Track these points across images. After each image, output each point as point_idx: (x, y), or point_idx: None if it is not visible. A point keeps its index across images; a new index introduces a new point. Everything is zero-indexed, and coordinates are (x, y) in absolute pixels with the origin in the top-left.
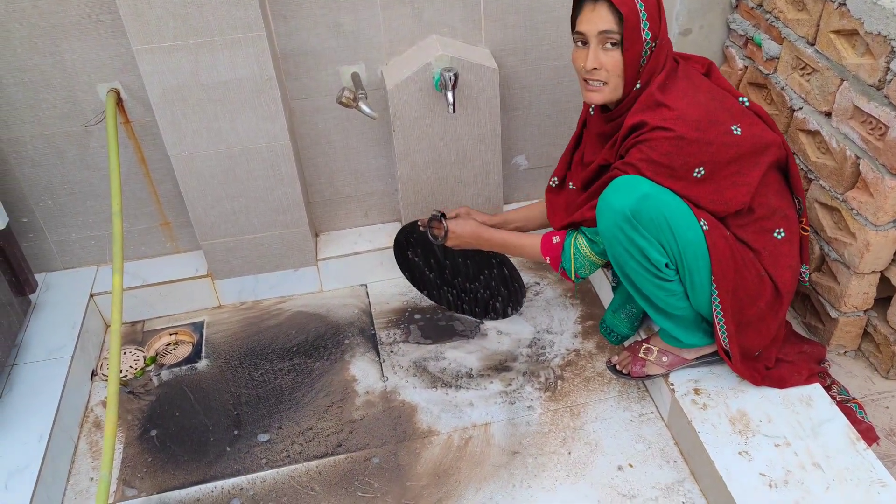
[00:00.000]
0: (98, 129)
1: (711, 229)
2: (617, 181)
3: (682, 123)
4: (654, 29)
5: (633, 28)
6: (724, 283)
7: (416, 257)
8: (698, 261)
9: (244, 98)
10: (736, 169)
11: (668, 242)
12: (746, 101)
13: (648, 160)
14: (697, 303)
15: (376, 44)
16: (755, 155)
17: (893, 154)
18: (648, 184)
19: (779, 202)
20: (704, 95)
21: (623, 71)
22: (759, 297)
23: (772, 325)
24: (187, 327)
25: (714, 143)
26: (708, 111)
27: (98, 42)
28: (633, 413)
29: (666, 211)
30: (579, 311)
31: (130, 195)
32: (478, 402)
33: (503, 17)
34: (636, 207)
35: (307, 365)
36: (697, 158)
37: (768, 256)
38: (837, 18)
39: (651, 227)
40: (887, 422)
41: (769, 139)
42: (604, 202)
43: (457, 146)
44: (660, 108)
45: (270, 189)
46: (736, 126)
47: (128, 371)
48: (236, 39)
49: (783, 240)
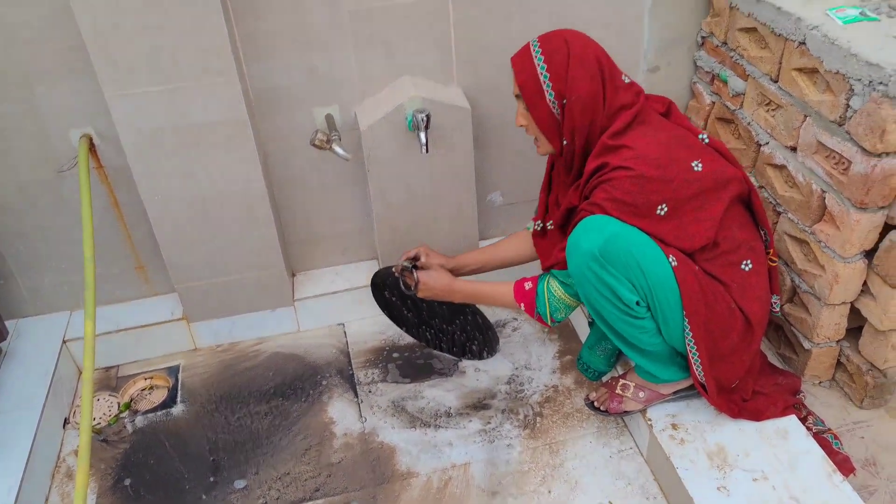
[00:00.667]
0: (71, 175)
1: (680, 265)
2: (584, 222)
3: (643, 162)
4: (559, 89)
5: (529, 92)
6: (696, 318)
7: (393, 297)
8: (669, 297)
9: (218, 141)
10: (698, 204)
11: (638, 280)
12: (706, 138)
13: (612, 199)
14: (671, 338)
15: (349, 85)
16: (717, 190)
17: (857, 188)
18: (615, 223)
19: (744, 235)
20: (664, 134)
21: (540, 130)
22: (731, 329)
23: (745, 357)
24: (162, 371)
25: (675, 180)
26: (668, 149)
27: (70, 88)
28: (612, 449)
29: (634, 249)
30: (557, 346)
31: (104, 239)
32: (457, 441)
33: (475, 58)
34: (604, 247)
35: (285, 407)
36: (659, 196)
37: (737, 289)
38: (798, 56)
39: (620, 266)
40: (863, 452)
41: (730, 174)
42: (572, 243)
43: (431, 185)
44: (620, 149)
45: (246, 231)
46: (697, 162)
47: (101, 418)
48: (209, 84)
49: (751, 272)
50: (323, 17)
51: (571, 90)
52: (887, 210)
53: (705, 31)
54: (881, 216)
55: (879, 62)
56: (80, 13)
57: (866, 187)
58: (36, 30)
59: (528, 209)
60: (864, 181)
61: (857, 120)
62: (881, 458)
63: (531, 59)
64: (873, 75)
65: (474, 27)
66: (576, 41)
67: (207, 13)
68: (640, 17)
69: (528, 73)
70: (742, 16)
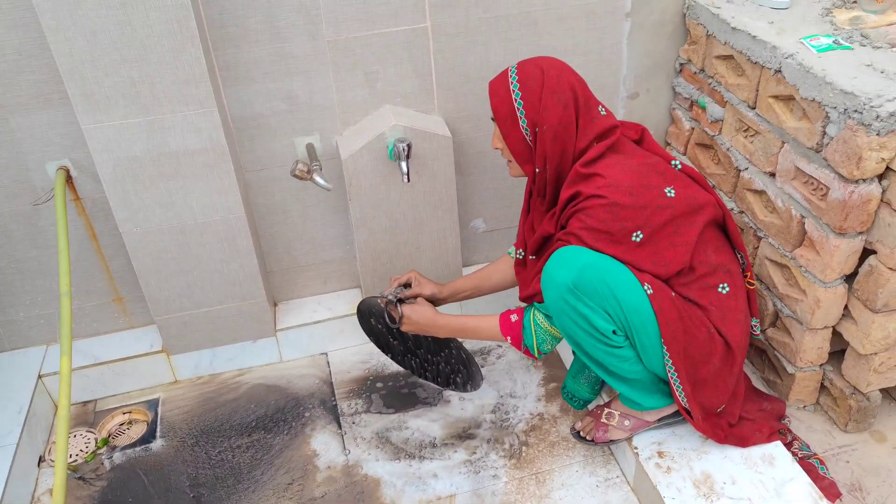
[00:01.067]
0: (47, 207)
1: (656, 292)
2: (557, 253)
3: (615, 190)
4: (531, 117)
5: (503, 118)
6: (675, 345)
7: (378, 325)
8: (646, 325)
9: (197, 172)
10: (672, 230)
11: (614, 310)
12: (679, 165)
13: (587, 228)
14: (651, 365)
15: (330, 114)
16: (690, 215)
17: (836, 214)
18: (588, 253)
19: (720, 258)
20: (636, 161)
21: (512, 155)
22: (712, 354)
23: (728, 382)
24: (141, 405)
25: (648, 206)
26: (640, 175)
27: (47, 120)
28: (598, 478)
29: (608, 278)
30: (542, 373)
31: (81, 271)
32: (442, 472)
33: (455, 86)
34: (578, 278)
35: (266, 440)
36: (633, 223)
37: (716, 312)
38: (774, 84)
39: (595, 297)
40: (848, 476)
41: (703, 199)
42: (546, 275)
43: (413, 213)
44: (593, 178)
45: (226, 261)
46: (669, 188)
47: (78, 455)
48: (188, 115)
49: (728, 294)
50: (302, 47)
51: (543, 119)
52: (865, 235)
53: (683, 58)
54: (860, 241)
55: (854, 90)
56: (56, 45)
57: (844, 213)
58: (10, 62)
59: (511, 235)
60: (843, 207)
61: (833, 147)
62: (866, 483)
63: (507, 86)
64: (848, 103)
65: (454, 55)
66: (552, 69)
67: (185, 44)
68: (619, 45)
69: (502, 99)
70: (718, 44)
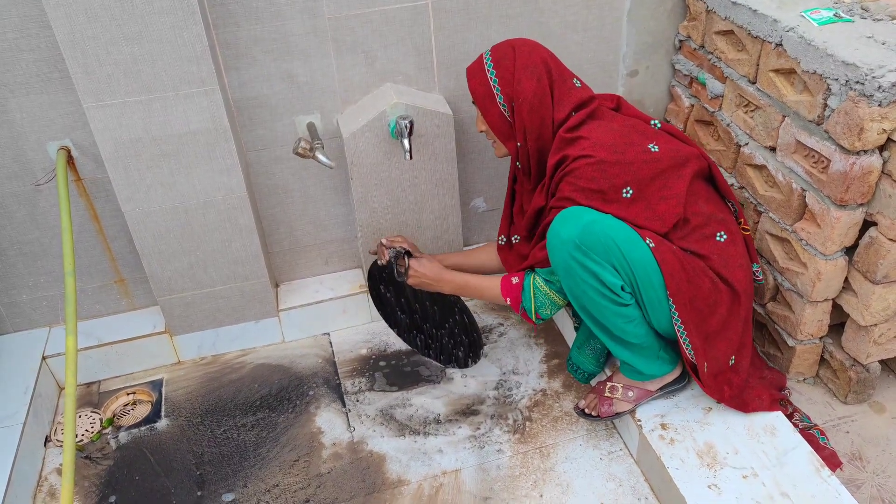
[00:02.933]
0: (48, 188)
1: (658, 245)
2: (561, 214)
3: (600, 148)
4: (507, 92)
5: (482, 98)
6: (680, 296)
7: (388, 293)
8: (651, 278)
9: (199, 151)
10: (661, 184)
11: (620, 263)
12: (658, 124)
13: (578, 189)
14: (658, 322)
15: (331, 93)
16: (676, 168)
17: (837, 186)
18: (591, 212)
19: (711, 208)
20: (617, 123)
21: (495, 131)
22: (718, 303)
23: (737, 328)
24: (145, 386)
25: (634, 162)
26: (622, 135)
27: (47, 100)
28: (602, 451)
29: (612, 233)
30: (544, 350)
31: (83, 253)
32: (447, 448)
33: (455, 64)
34: (583, 234)
35: (271, 419)
36: (621, 178)
37: (717, 259)
38: (775, 58)
39: (601, 251)
40: (848, 446)
41: (686, 152)
42: (552, 235)
43: (415, 191)
44: (576, 141)
45: (228, 241)
46: (652, 144)
47: (83, 435)
48: (190, 94)
49: (727, 241)
50: (303, 25)
51: (518, 92)
52: (866, 207)
53: (682, 34)
54: (860, 213)
55: (856, 62)
56: (57, 22)
57: (846, 185)
58: (10, 40)
59: None
60: (844, 179)
61: (835, 119)
62: (867, 452)
63: (482, 67)
64: (850, 75)
65: (454, 33)
66: (523, 46)
67: (186, 21)
68: (619, 22)
69: (479, 80)
70: (719, 19)
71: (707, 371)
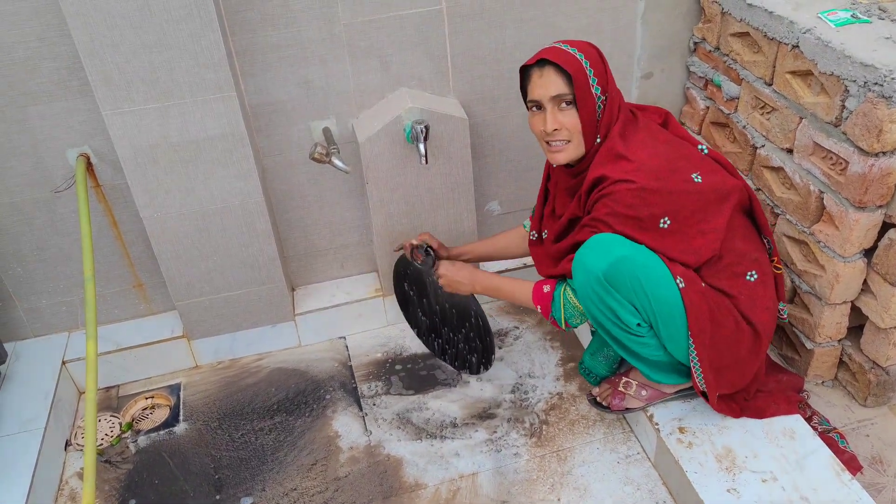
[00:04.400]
0: (67, 194)
1: (688, 286)
2: (592, 240)
3: (643, 174)
4: (602, 83)
5: (583, 87)
6: (702, 338)
7: (412, 292)
8: (674, 319)
9: (216, 157)
10: (701, 217)
11: (642, 304)
12: (705, 149)
13: (614, 213)
14: (674, 352)
15: (346, 98)
16: (718, 202)
17: (855, 188)
18: (624, 244)
19: (746, 246)
20: (663, 146)
21: (581, 128)
22: (738, 343)
23: (752, 366)
24: (164, 390)
25: (675, 191)
26: (667, 160)
27: (67, 107)
28: (619, 455)
29: (640, 273)
30: (560, 353)
31: (102, 258)
32: (464, 451)
33: (470, 68)
34: (609, 271)
35: (289, 423)
36: (661, 208)
37: (745, 300)
38: (792, 60)
39: (624, 290)
40: (868, 449)
41: (730, 185)
42: (579, 261)
43: (430, 195)
44: (620, 161)
45: (245, 246)
46: (696, 174)
47: (103, 439)
48: (207, 100)
49: (756, 282)
50: (318, 31)
51: (610, 84)
52: (885, 209)
53: (697, 36)
54: (879, 215)
55: (874, 63)
56: (77, 31)
57: (864, 187)
58: (32, 49)
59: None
60: (862, 181)
61: (853, 120)
62: (887, 456)
63: (572, 56)
64: (868, 76)
65: (469, 38)
66: (591, 45)
67: (204, 29)
68: (633, 25)
69: (577, 67)
70: (734, 21)
71: (714, 399)
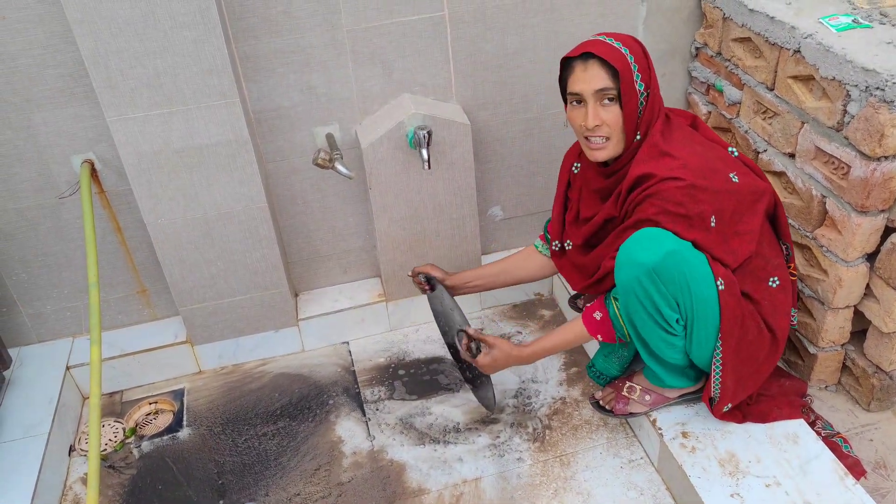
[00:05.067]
0: (71, 201)
1: (727, 288)
2: (641, 234)
3: (690, 172)
4: (646, 80)
5: (628, 82)
6: (730, 340)
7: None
8: (708, 319)
9: (220, 163)
10: (738, 218)
11: (684, 300)
12: (735, 152)
13: (665, 212)
14: (698, 356)
15: (349, 104)
16: (753, 203)
17: (857, 192)
18: (673, 239)
19: (770, 251)
20: (699, 146)
21: (623, 125)
22: (759, 349)
23: (766, 371)
24: (167, 395)
25: (720, 191)
26: (706, 160)
27: (71, 114)
28: (622, 459)
29: (686, 269)
30: (563, 358)
31: (106, 264)
32: (467, 456)
33: (473, 74)
34: (660, 263)
35: (292, 428)
36: (710, 206)
37: (767, 306)
38: (794, 65)
39: (670, 284)
40: (872, 454)
41: (762, 187)
42: (626, 255)
43: (433, 200)
44: (664, 158)
45: (248, 252)
46: (733, 174)
47: (107, 444)
48: (211, 106)
49: (778, 287)
50: (321, 38)
51: (653, 81)
52: (888, 213)
53: (699, 42)
54: (882, 219)
55: (875, 68)
56: (82, 38)
57: (866, 191)
58: (36, 56)
59: (528, 223)
60: (864, 185)
61: (855, 125)
62: (891, 461)
63: (617, 50)
64: (870, 81)
65: (471, 43)
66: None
67: (208, 35)
68: (635, 30)
69: (623, 62)
70: (736, 26)
71: (720, 408)
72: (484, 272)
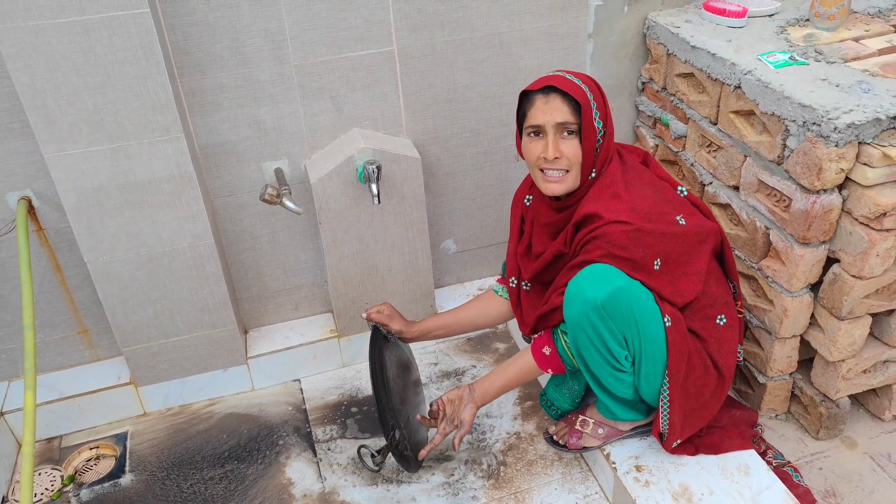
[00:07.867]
0: (7, 239)
1: (673, 325)
2: (590, 269)
3: (636, 215)
4: (603, 118)
5: (588, 117)
6: (677, 378)
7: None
8: (656, 356)
9: (164, 199)
10: (685, 259)
11: (632, 336)
12: (685, 191)
13: (609, 255)
14: (646, 392)
15: (298, 138)
16: (699, 244)
17: (799, 224)
18: (621, 276)
19: (717, 289)
20: (649, 187)
21: (582, 159)
22: (704, 385)
23: (713, 408)
24: (109, 440)
25: (666, 233)
26: (655, 202)
27: (7, 150)
28: (577, 495)
29: (635, 305)
30: (517, 392)
31: (45, 303)
32: (420, 496)
33: (422, 109)
34: (608, 300)
35: (240, 471)
36: (654, 249)
37: (714, 343)
38: (735, 100)
39: (619, 321)
40: (822, 483)
41: (709, 228)
42: (576, 290)
43: (384, 235)
44: (613, 200)
45: (195, 289)
46: (680, 216)
47: (43, 494)
48: (154, 142)
49: (725, 325)
50: (269, 72)
51: (609, 119)
52: (828, 244)
53: (645, 76)
54: (823, 250)
55: (811, 104)
56: (17, 73)
57: (807, 223)
58: None
59: (482, 256)
60: (805, 217)
61: (794, 159)
62: (840, 488)
63: (577, 85)
64: (807, 116)
65: (421, 78)
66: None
67: (150, 71)
68: (583, 66)
69: (584, 98)
70: (679, 62)
71: (670, 444)
72: (446, 320)
